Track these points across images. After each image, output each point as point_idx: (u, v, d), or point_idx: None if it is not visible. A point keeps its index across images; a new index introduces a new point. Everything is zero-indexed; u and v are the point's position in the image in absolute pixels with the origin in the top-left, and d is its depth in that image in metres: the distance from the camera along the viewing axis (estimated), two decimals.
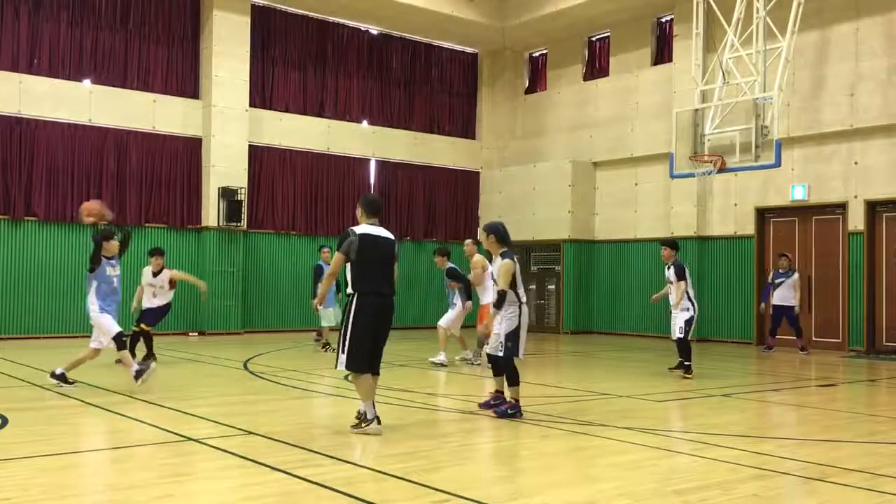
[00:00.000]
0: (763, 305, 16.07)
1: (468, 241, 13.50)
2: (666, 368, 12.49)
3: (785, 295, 15.70)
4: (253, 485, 5.50)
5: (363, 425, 7.21)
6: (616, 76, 20.83)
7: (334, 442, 6.95)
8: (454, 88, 23.23)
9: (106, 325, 9.63)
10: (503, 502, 5.16)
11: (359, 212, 7.45)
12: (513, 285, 8.13)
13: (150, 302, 12.53)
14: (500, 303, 8.14)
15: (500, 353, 8.22)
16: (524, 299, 8.27)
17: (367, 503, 5.13)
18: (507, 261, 8.17)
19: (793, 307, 15.70)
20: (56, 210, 17.23)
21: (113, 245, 9.79)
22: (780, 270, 15.81)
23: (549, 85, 22.57)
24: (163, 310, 12.61)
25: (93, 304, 9.63)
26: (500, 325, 8.19)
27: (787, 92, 15.96)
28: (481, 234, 8.65)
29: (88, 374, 10.95)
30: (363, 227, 7.29)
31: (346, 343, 7.14)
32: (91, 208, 10.36)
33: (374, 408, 7.21)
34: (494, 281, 8.39)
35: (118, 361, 10.34)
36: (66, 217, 17.34)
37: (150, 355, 12.25)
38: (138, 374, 9.51)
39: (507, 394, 8.35)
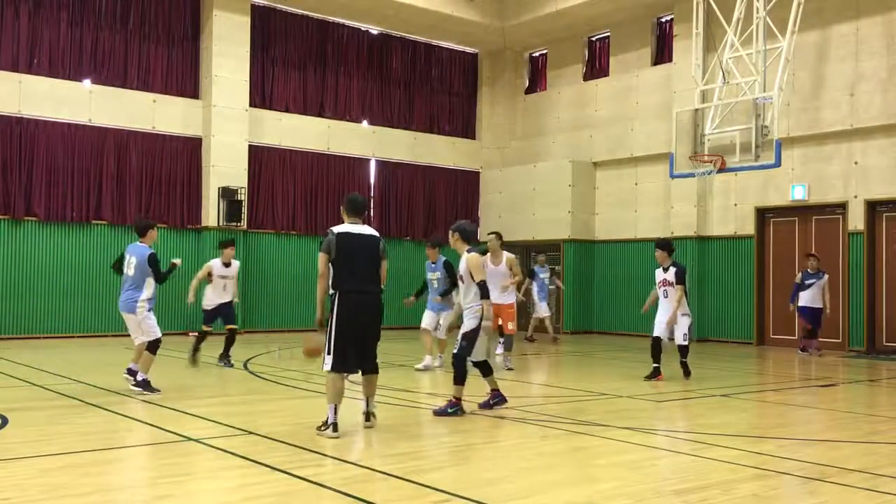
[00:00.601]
0: (792, 306, 15.65)
1: (491, 235, 12.50)
2: (667, 368, 12.48)
3: (814, 296, 15.31)
4: (253, 485, 5.50)
5: (322, 428, 7.09)
6: (616, 76, 20.83)
7: (334, 442, 6.94)
8: (454, 88, 23.23)
9: (153, 325, 9.44)
10: (503, 502, 5.16)
11: (342, 210, 7.40)
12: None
13: (221, 297, 12.15)
14: (485, 293, 8.07)
15: (454, 351, 8.24)
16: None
17: (367, 503, 5.14)
18: (472, 254, 8.15)
19: (822, 309, 15.36)
20: (56, 210, 17.23)
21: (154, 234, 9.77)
22: (810, 271, 15.43)
23: (549, 85, 22.57)
24: (231, 304, 12.40)
25: (143, 303, 9.36)
26: (467, 322, 8.18)
27: (787, 92, 15.95)
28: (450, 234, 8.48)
29: (88, 374, 10.96)
30: (343, 226, 7.22)
31: (331, 343, 7.08)
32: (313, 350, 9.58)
33: (336, 414, 7.04)
34: (461, 278, 8.31)
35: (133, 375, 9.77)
36: (66, 217, 17.34)
37: (226, 355, 12.32)
38: (144, 385, 9.35)
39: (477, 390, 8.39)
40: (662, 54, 20.05)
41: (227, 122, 18.89)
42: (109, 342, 15.86)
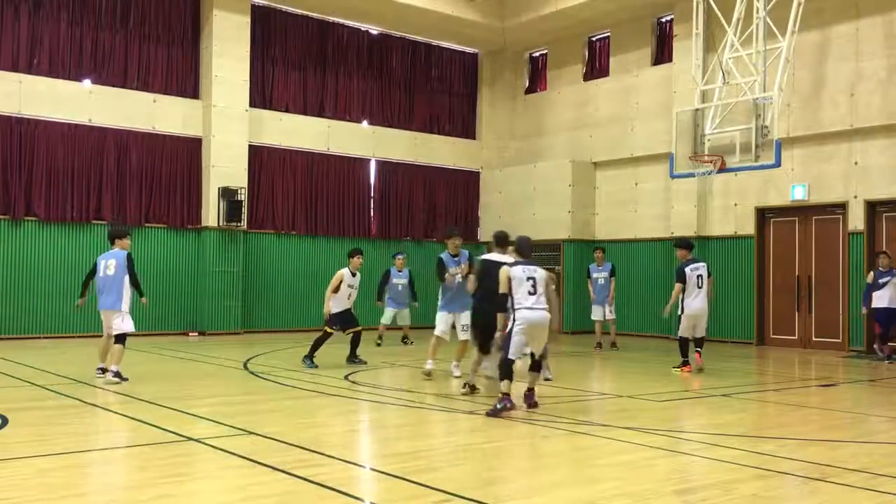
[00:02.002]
0: (865, 310, 14.86)
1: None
2: (666, 368, 12.51)
3: (891, 296, 14.48)
4: (253, 485, 5.50)
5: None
6: (616, 76, 20.82)
7: (334, 442, 6.95)
8: (454, 88, 23.23)
9: (131, 320, 10.40)
10: (503, 502, 5.16)
11: (492, 244, 9.97)
12: (509, 291, 8.54)
13: (343, 304, 12.41)
14: (500, 306, 8.66)
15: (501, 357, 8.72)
16: (519, 305, 8.46)
17: (367, 503, 5.14)
18: (503, 267, 8.76)
19: None
20: (56, 210, 17.23)
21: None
22: (882, 269, 14.70)
23: (549, 85, 22.56)
24: (351, 310, 12.68)
25: (127, 301, 10.31)
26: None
27: (787, 92, 15.94)
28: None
29: (87, 375, 10.95)
30: (489, 255, 9.83)
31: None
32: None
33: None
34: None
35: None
36: (66, 217, 17.34)
37: (354, 355, 12.63)
38: (119, 376, 10.08)
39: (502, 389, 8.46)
40: (662, 54, 20.05)
41: (227, 122, 18.88)
42: None
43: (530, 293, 8.51)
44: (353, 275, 12.58)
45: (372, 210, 21.57)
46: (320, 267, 20.30)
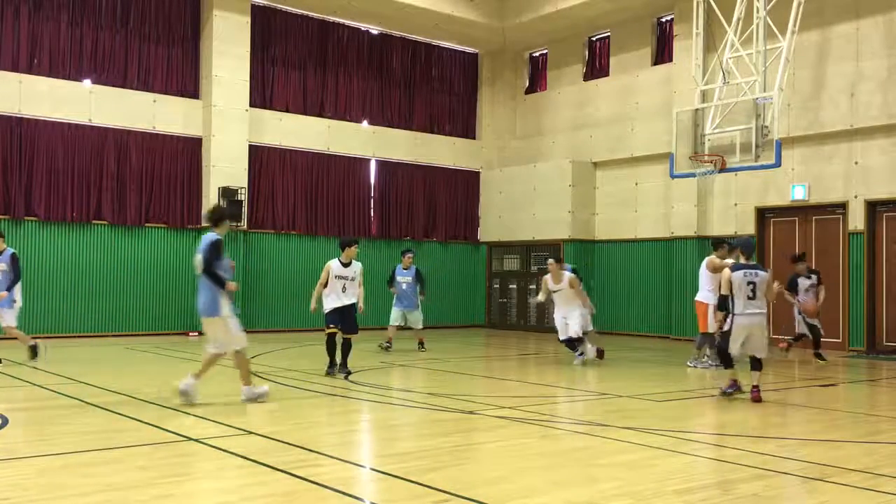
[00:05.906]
0: None
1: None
2: (667, 367, 12.51)
3: None
4: (253, 485, 5.50)
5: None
6: (616, 76, 20.82)
7: (334, 442, 6.95)
8: (454, 88, 23.23)
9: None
10: (503, 502, 5.16)
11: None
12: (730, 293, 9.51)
13: (337, 300, 11.49)
14: (720, 306, 9.70)
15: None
16: (738, 310, 9.40)
17: (367, 503, 5.13)
18: (724, 270, 9.75)
19: None
20: (56, 210, 17.22)
21: None
22: None
23: (549, 85, 22.57)
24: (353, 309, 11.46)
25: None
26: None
27: (787, 92, 15.94)
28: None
29: (88, 374, 10.97)
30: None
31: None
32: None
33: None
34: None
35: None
36: (66, 217, 17.33)
37: (344, 364, 11.39)
38: (35, 350, 12.39)
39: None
40: (662, 54, 20.05)
41: (227, 122, 18.88)
42: (109, 342, 15.87)
43: (749, 298, 9.33)
44: (346, 265, 11.67)
45: (372, 210, 21.57)
46: (320, 267, 20.12)
